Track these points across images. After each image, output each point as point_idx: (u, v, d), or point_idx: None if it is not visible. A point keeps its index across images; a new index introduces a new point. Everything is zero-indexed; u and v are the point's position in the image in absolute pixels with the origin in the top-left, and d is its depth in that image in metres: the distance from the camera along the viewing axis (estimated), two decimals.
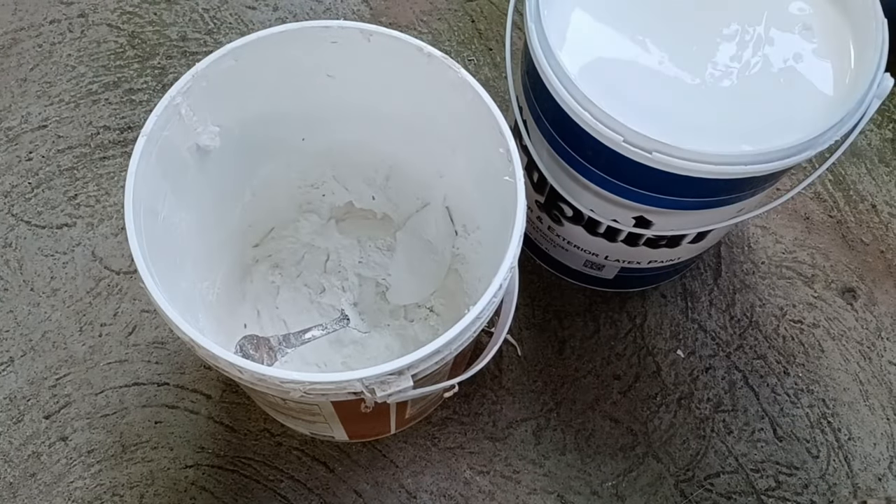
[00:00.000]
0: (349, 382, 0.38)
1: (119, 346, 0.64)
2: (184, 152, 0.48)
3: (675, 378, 0.66)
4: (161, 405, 0.62)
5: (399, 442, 0.62)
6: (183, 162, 0.49)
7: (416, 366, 0.39)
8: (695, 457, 0.63)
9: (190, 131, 0.48)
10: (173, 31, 0.79)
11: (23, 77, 0.75)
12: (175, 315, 0.39)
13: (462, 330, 0.40)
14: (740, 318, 0.69)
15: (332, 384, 0.38)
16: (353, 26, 0.48)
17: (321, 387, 0.38)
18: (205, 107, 0.48)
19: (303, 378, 0.38)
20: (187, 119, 0.47)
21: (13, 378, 0.62)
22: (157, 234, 0.45)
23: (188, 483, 0.59)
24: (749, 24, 0.52)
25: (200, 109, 0.48)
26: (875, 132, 0.79)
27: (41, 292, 0.65)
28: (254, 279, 0.63)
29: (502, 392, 0.64)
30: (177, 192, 0.48)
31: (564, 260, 0.66)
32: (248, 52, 0.48)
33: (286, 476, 0.60)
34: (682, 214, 0.53)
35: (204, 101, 0.47)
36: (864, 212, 0.74)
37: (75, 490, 0.59)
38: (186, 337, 0.39)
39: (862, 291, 0.71)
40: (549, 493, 0.61)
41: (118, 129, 0.73)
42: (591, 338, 0.67)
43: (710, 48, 0.51)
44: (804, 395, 0.66)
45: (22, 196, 0.70)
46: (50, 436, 0.60)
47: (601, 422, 0.64)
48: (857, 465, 0.63)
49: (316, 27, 0.48)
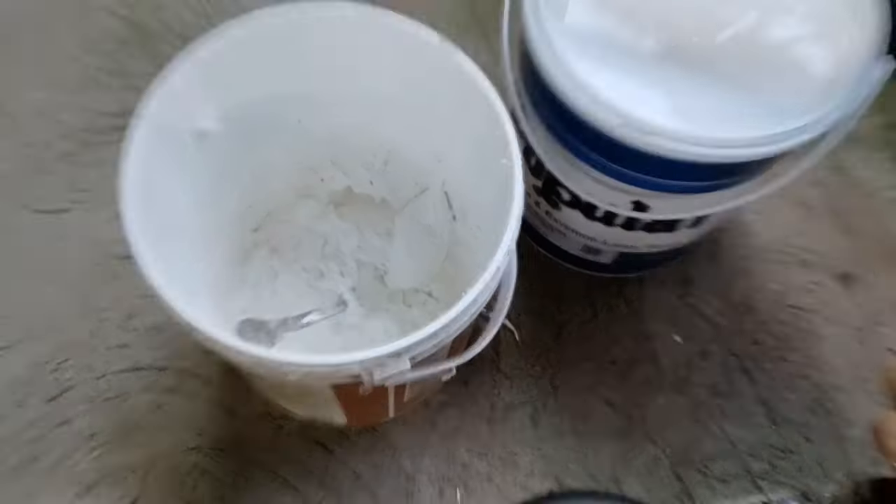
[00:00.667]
0: (347, 365, 0.38)
1: (119, 330, 0.64)
2: (182, 135, 0.48)
3: (672, 363, 0.66)
4: (162, 389, 0.62)
5: (398, 425, 0.62)
6: (181, 145, 0.49)
7: (413, 348, 0.39)
8: (691, 441, 0.63)
9: (187, 115, 0.48)
10: (173, 16, 0.79)
11: (22, 63, 0.75)
12: (173, 298, 0.40)
13: (460, 313, 0.40)
14: (737, 303, 0.69)
15: (331, 366, 0.38)
16: (351, 8, 0.48)
17: (319, 369, 0.38)
18: (202, 90, 0.48)
19: (301, 360, 0.38)
20: (185, 102, 0.47)
21: (15, 363, 0.62)
22: (154, 218, 0.45)
23: (189, 466, 0.60)
24: (748, 8, 0.51)
25: (198, 93, 0.48)
26: (874, 117, 0.79)
27: (41, 277, 0.66)
28: (252, 263, 0.63)
29: (500, 376, 0.65)
30: (174, 176, 0.48)
31: (562, 245, 0.66)
32: (246, 35, 0.48)
33: (286, 458, 0.60)
34: (680, 199, 0.53)
35: (201, 85, 0.47)
36: (861, 197, 0.75)
37: (78, 473, 0.59)
38: (184, 320, 0.39)
39: (859, 277, 0.71)
40: (546, 476, 0.61)
41: (118, 114, 0.73)
42: (589, 322, 0.67)
43: (709, 32, 0.51)
44: (800, 380, 0.66)
45: (21, 181, 0.70)
46: (52, 420, 0.61)
47: (598, 406, 0.64)
48: (852, 450, 0.64)
49: (314, 9, 0.48)
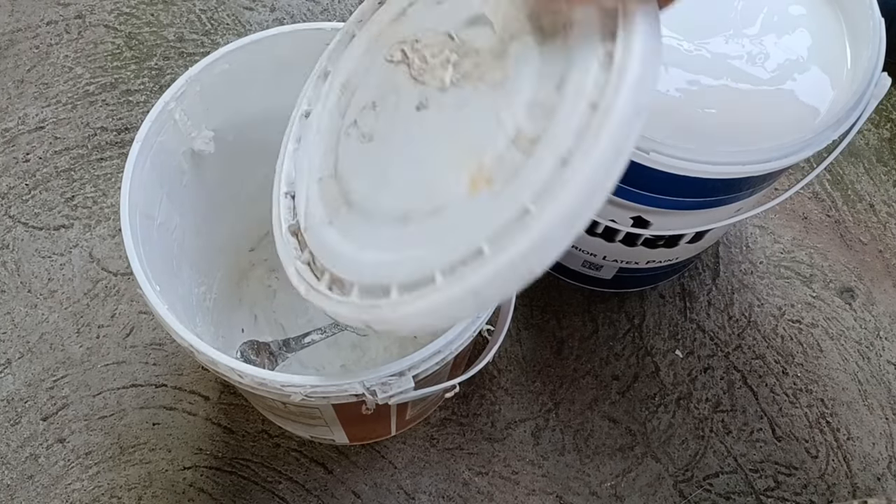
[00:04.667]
0: (350, 385, 0.38)
1: (117, 347, 0.64)
2: (179, 157, 0.48)
3: (674, 378, 0.66)
4: (159, 407, 0.62)
5: (397, 443, 0.61)
6: (178, 166, 0.49)
7: (416, 366, 0.39)
8: (693, 457, 0.63)
9: (184, 136, 0.48)
10: (170, 32, 0.79)
11: (20, 78, 0.75)
12: (174, 321, 0.39)
13: (462, 330, 0.40)
14: (739, 317, 0.69)
15: (334, 387, 0.38)
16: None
17: (322, 390, 0.38)
18: (199, 111, 0.48)
19: (304, 382, 0.38)
20: (181, 124, 0.47)
21: (11, 380, 0.62)
22: (153, 239, 0.45)
23: (186, 485, 0.59)
24: (746, 26, 0.52)
25: (195, 114, 0.48)
26: (873, 132, 0.79)
27: (38, 294, 0.65)
28: (250, 283, 0.63)
29: (501, 392, 0.64)
30: (172, 197, 0.48)
31: (563, 260, 0.66)
32: (242, 56, 0.48)
33: (284, 477, 0.60)
34: (680, 214, 0.53)
35: (198, 106, 0.47)
36: (862, 211, 0.75)
37: (73, 492, 0.58)
38: (186, 343, 0.39)
39: (860, 291, 0.71)
40: (547, 494, 0.61)
41: (115, 130, 0.73)
42: (590, 338, 0.67)
43: (707, 48, 0.51)
44: (803, 395, 0.66)
45: (19, 197, 0.69)
46: (48, 438, 0.60)
47: (600, 422, 0.64)
48: (856, 465, 0.63)
49: (310, 29, 0.48)
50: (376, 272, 0.36)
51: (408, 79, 0.41)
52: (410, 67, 0.42)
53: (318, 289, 0.38)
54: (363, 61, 0.45)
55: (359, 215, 0.39)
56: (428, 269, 0.34)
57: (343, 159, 0.41)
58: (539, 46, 0.36)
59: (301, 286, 0.39)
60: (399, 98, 0.41)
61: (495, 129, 0.36)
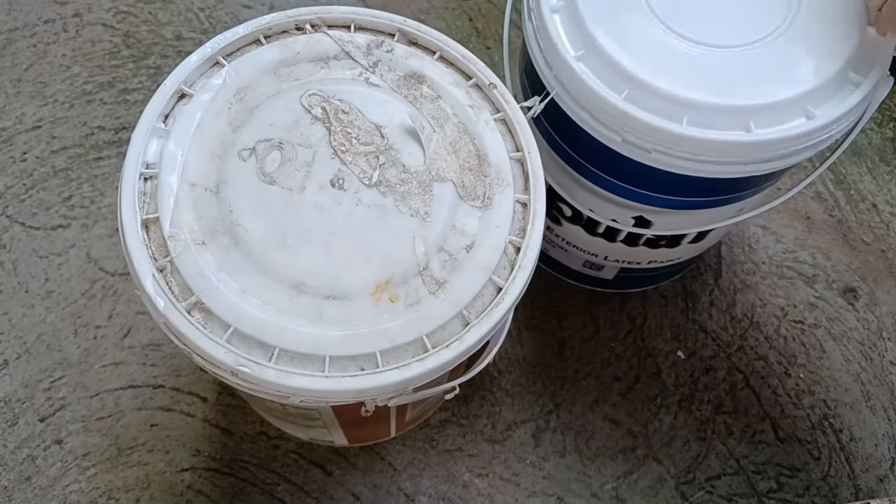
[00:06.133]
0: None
1: (114, 348, 0.63)
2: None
3: (676, 379, 0.65)
4: (157, 408, 0.61)
5: (397, 445, 0.61)
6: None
7: None
8: (695, 459, 0.62)
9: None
10: (168, 30, 0.79)
11: (17, 77, 0.75)
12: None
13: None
14: (741, 318, 0.68)
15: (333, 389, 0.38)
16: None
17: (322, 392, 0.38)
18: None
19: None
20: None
21: (8, 381, 0.61)
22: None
23: (184, 486, 0.59)
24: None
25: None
26: (876, 131, 0.79)
27: (36, 294, 0.65)
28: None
29: (501, 394, 0.64)
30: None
31: (564, 260, 0.65)
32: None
33: (283, 479, 0.59)
34: (682, 214, 0.52)
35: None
36: (864, 211, 0.74)
37: (70, 494, 0.58)
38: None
39: (863, 291, 0.70)
40: (548, 496, 0.60)
41: (113, 129, 0.73)
42: (591, 339, 0.67)
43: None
44: (805, 396, 0.65)
45: (16, 197, 0.69)
46: (45, 439, 0.60)
47: (601, 423, 0.63)
48: (859, 467, 0.63)
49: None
50: (260, 327, 0.36)
51: (326, 145, 0.41)
52: (331, 135, 0.41)
53: (179, 309, 0.36)
54: (270, 82, 0.43)
55: (245, 257, 0.38)
56: (320, 350, 0.36)
57: (233, 184, 0.40)
58: (461, 201, 0.41)
59: (160, 299, 0.36)
60: (313, 159, 0.41)
61: (409, 253, 0.39)
